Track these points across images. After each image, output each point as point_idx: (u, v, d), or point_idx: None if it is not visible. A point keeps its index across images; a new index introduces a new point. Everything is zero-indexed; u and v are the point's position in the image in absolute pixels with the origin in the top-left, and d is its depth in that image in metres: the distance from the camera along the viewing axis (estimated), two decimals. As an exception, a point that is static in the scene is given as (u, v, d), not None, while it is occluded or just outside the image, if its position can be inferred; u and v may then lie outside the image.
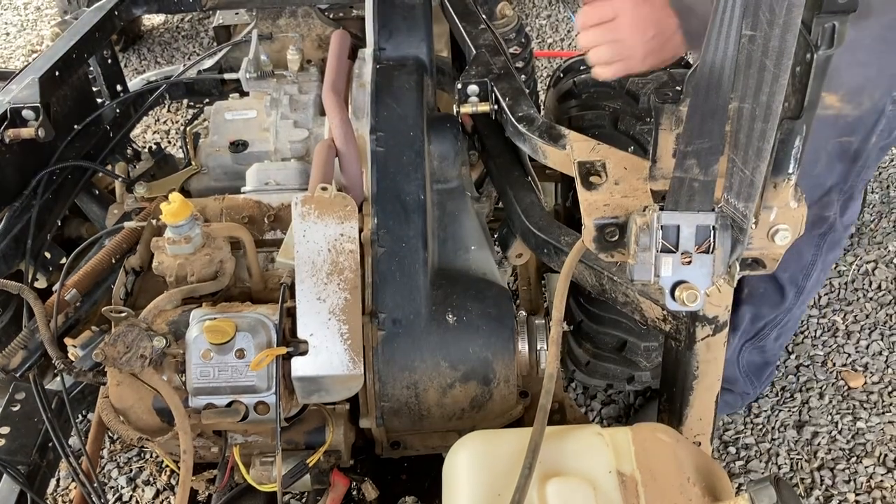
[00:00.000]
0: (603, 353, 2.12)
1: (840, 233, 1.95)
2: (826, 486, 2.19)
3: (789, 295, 2.04)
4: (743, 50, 0.90)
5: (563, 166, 1.43)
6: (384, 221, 1.51)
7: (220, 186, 1.85)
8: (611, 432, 1.15)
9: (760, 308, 2.08)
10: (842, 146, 1.70)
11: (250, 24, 2.23)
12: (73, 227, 1.95)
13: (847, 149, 1.72)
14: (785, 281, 2.00)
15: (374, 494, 1.51)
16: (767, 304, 2.08)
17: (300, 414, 1.46)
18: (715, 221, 1.04)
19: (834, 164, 1.74)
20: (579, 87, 1.95)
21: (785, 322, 2.15)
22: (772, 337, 2.18)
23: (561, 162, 1.43)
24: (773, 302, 2.06)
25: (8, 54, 4.40)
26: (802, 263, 1.98)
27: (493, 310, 1.48)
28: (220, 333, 1.25)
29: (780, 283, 2.01)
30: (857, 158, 1.75)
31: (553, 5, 4.36)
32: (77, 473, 1.38)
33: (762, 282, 2.02)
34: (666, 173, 1.19)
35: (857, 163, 1.76)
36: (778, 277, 1.99)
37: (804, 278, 2.01)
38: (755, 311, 2.09)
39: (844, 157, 1.74)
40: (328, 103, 1.71)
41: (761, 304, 2.08)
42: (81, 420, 2.15)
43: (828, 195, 1.81)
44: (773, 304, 2.07)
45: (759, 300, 2.06)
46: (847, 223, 1.95)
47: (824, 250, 1.96)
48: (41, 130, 1.67)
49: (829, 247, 1.96)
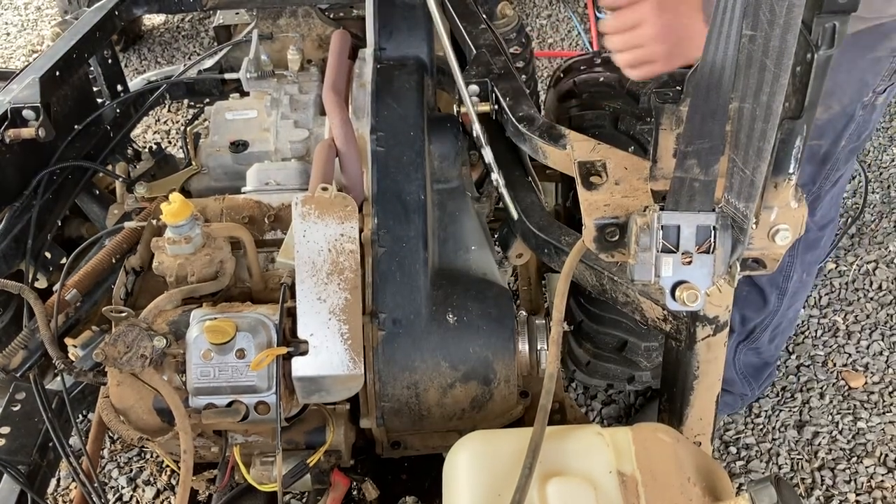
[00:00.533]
0: (603, 353, 2.12)
1: (814, 233, 1.95)
2: (826, 486, 2.19)
3: (771, 298, 2.04)
4: (743, 50, 0.90)
5: (563, 166, 1.43)
6: (384, 221, 1.51)
7: (221, 186, 1.85)
8: (611, 432, 1.15)
9: (745, 311, 2.09)
10: (811, 149, 1.71)
11: (251, 23, 2.23)
12: (74, 227, 1.96)
13: (816, 151, 1.73)
14: (764, 284, 2.01)
15: (375, 494, 1.51)
16: (751, 308, 2.09)
17: (300, 414, 1.46)
18: (715, 221, 1.04)
19: (803, 167, 1.75)
20: (579, 87, 1.95)
21: (777, 324, 2.15)
22: (765, 339, 2.18)
23: (561, 162, 1.43)
24: (756, 305, 2.07)
25: (8, 54, 4.40)
26: (780, 265, 1.98)
27: (493, 310, 1.48)
28: (220, 333, 1.25)
29: (759, 287, 2.02)
30: (825, 161, 1.76)
31: (553, 5, 4.36)
32: (77, 473, 1.38)
33: (744, 285, 2.02)
34: (666, 173, 1.19)
35: (826, 165, 1.77)
36: (757, 281, 2.00)
37: (784, 280, 2.02)
38: (741, 314, 2.10)
39: (813, 160, 1.75)
40: (328, 103, 1.71)
41: (745, 308, 2.09)
42: (82, 420, 2.15)
43: None
44: (757, 308, 2.08)
45: (742, 303, 2.07)
46: (821, 223, 1.95)
47: (800, 251, 1.96)
48: (41, 130, 1.67)
49: (804, 247, 1.97)
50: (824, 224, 1.97)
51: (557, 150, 1.41)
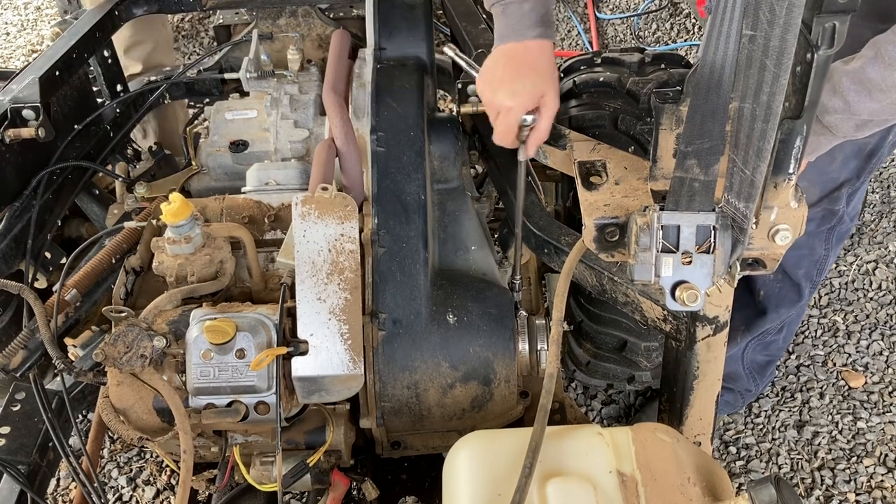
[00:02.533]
0: (603, 353, 2.11)
1: (847, 224, 1.96)
2: (826, 486, 2.19)
3: (805, 291, 2.04)
4: (743, 50, 0.90)
5: (563, 166, 1.43)
6: (384, 221, 1.51)
7: (221, 186, 1.85)
8: (611, 432, 1.15)
9: (779, 309, 2.08)
10: (858, 144, 1.71)
11: (251, 23, 2.23)
12: (74, 227, 1.96)
13: (863, 147, 1.73)
14: (800, 278, 2.00)
15: (375, 494, 1.51)
16: (785, 304, 2.07)
17: (300, 414, 1.46)
18: (715, 221, 1.04)
19: (849, 162, 1.76)
20: (579, 87, 1.94)
21: (795, 318, 2.16)
22: (781, 336, 2.19)
23: (561, 162, 1.43)
24: (790, 300, 2.06)
25: (8, 54, 4.40)
26: (815, 258, 1.98)
27: (493, 310, 1.48)
28: (220, 333, 1.25)
29: (795, 282, 2.01)
30: (872, 155, 1.77)
31: (554, 5, 4.36)
32: (77, 473, 1.38)
33: (777, 283, 2.02)
34: (666, 173, 1.19)
35: (872, 159, 1.78)
36: (793, 276, 2.00)
37: (818, 273, 2.02)
38: (775, 312, 2.08)
39: (859, 155, 1.75)
40: (328, 103, 1.71)
41: (779, 305, 2.07)
42: (81, 420, 2.15)
43: (839, 190, 1.82)
44: (791, 303, 2.07)
45: (777, 300, 2.06)
46: (852, 214, 1.96)
47: (833, 243, 1.97)
48: (41, 130, 1.67)
49: (837, 239, 1.98)
50: (854, 215, 1.99)
51: (557, 150, 1.42)
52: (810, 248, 1.95)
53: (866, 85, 1.18)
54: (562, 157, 1.41)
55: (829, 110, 1.24)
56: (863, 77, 1.18)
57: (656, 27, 4.14)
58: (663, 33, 4.10)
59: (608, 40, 4.12)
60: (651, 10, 4.18)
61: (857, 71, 1.19)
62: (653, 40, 4.07)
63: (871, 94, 1.19)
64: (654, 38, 4.09)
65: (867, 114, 1.22)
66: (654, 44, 4.05)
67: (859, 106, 1.21)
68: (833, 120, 1.25)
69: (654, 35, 4.10)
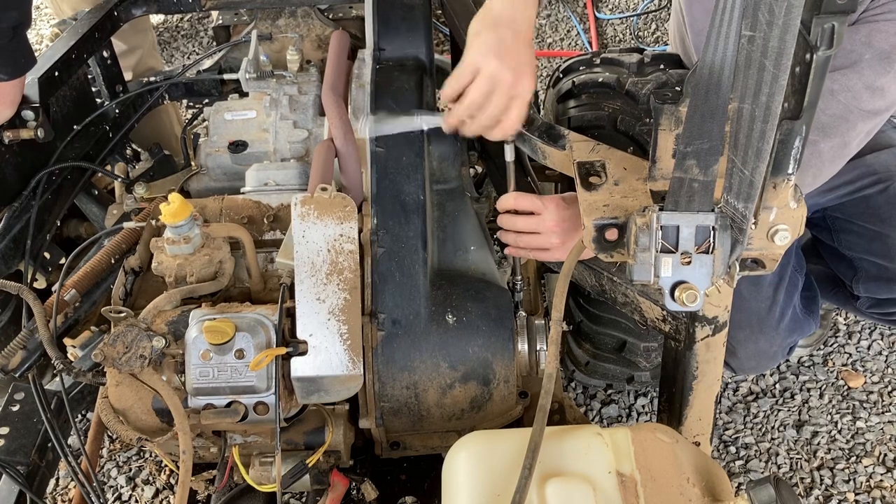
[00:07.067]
0: (602, 354, 2.12)
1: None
2: (826, 486, 2.19)
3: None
4: (742, 50, 0.90)
5: (562, 167, 1.43)
6: (384, 221, 1.51)
7: (220, 187, 1.85)
8: (610, 432, 1.15)
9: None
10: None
11: (250, 24, 2.23)
12: (73, 227, 1.96)
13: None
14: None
15: (374, 495, 1.51)
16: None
17: (300, 414, 1.46)
18: (715, 222, 1.04)
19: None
20: (579, 88, 1.95)
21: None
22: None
23: (561, 162, 1.43)
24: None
25: (7, 54, 4.40)
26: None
27: (492, 310, 1.48)
28: (219, 334, 1.25)
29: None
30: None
31: (553, 5, 4.36)
32: (76, 473, 1.38)
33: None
34: (665, 174, 1.19)
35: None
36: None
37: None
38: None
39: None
40: (328, 103, 1.70)
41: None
42: (81, 420, 2.15)
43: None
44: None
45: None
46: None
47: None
48: (40, 131, 1.67)
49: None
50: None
51: (557, 151, 1.41)
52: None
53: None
54: (561, 157, 1.41)
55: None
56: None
57: (656, 27, 4.14)
58: (663, 33, 4.10)
59: (607, 40, 4.13)
60: (651, 10, 4.18)
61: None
62: (652, 40, 4.08)
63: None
64: (654, 38, 4.09)
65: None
66: (654, 44, 4.05)
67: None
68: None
69: (653, 35, 4.11)
